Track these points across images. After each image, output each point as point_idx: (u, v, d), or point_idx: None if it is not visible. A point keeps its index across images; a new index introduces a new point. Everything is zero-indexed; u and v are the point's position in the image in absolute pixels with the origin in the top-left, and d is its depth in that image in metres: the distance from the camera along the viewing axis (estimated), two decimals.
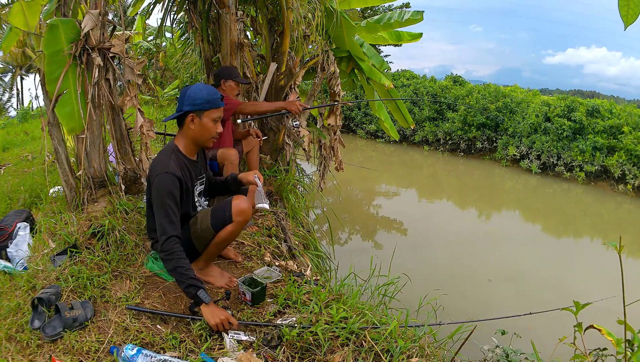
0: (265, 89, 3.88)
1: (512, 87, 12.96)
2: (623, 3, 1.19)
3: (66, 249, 2.20)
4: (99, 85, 2.52)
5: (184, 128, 2.02)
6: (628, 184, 9.13)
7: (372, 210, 7.66)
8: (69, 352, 1.60)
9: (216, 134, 2.03)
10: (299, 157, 4.84)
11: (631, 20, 1.19)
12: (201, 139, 2.04)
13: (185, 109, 1.95)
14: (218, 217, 2.06)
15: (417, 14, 4.67)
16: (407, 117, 5.26)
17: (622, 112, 9.98)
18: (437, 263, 5.06)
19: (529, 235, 6.78)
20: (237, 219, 2.04)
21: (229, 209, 2.04)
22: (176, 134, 2.10)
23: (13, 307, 1.82)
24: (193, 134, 2.01)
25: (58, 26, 2.35)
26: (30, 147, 6.88)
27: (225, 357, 1.62)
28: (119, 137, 2.78)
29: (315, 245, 3.53)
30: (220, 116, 2.02)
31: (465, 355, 1.87)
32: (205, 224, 2.07)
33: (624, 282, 1.25)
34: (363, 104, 13.94)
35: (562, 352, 1.66)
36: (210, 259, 2.23)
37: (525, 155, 10.90)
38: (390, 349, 1.69)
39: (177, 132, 2.10)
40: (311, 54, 4.28)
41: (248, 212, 2.07)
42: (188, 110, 1.95)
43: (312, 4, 3.68)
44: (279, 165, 4.18)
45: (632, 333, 1.42)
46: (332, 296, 2.08)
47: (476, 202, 8.52)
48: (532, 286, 4.64)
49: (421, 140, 13.03)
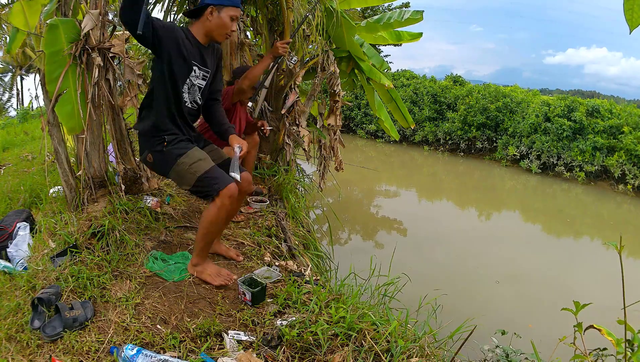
0: (265, 89, 3.88)
1: (512, 87, 12.98)
2: (628, 7, 1.19)
3: (66, 249, 2.19)
4: (99, 85, 2.52)
5: (201, 19, 2.10)
6: (628, 184, 9.13)
7: (372, 210, 7.66)
8: (69, 352, 1.60)
9: (230, 31, 2.12)
10: (299, 157, 4.84)
11: (636, 24, 1.19)
12: (215, 32, 2.10)
13: (207, 2, 2.04)
14: (204, 185, 2.03)
15: (417, 14, 4.67)
16: (407, 117, 5.26)
17: (622, 112, 9.99)
18: (437, 263, 5.06)
19: (529, 235, 6.79)
20: (224, 201, 2.00)
21: (220, 184, 2.00)
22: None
23: (13, 307, 1.82)
24: (209, 26, 2.08)
25: (58, 26, 2.35)
26: (30, 147, 6.88)
27: (225, 357, 1.62)
28: (119, 137, 2.79)
29: (315, 245, 3.53)
30: (237, 17, 2.11)
31: (466, 355, 1.87)
32: (187, 179, 2.05)
33: (624, 282, 1.25)
34: (363, 103, 13.95)
35: (562, 353, 1.66)
36: (202, 254, 2.18)
37: (525, 155, 10.91)
38: (390, 349, 1.69)
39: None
40: (311, 54, 4.28)
41: (236, 202, 2.08)
42: (209, 3, 2.04)
43: (312, 4, 3.68)
44: (279, 165, 4.18)
45: (632, 333, 1.42)
46: (332, 295, 2.08)
47: (476, 202, 8.52)
48: (532, 286, 4.63)
49: (421, 140, 13.04)
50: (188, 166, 2.05)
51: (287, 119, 4.17)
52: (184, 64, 2.04)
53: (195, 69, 2.10)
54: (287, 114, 4.14)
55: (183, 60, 2.03)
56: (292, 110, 4.19)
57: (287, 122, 4.20)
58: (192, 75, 2.10)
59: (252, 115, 3.88)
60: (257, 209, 3.30)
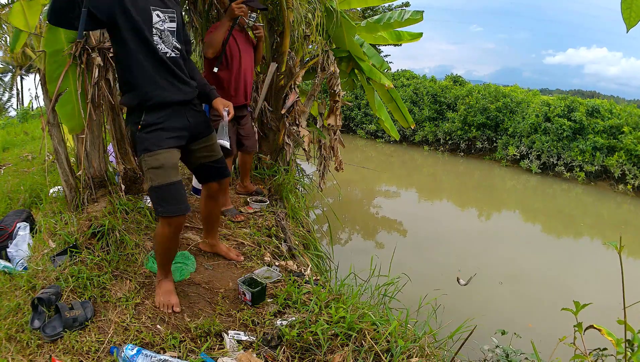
0: (265, 89, 3.88)
1: (512, 87, 12.97)
2: (625, 6, 1.19)
3: (66, 249, 2.19)
4: (99, 85, 2.52)
5: None
6: (628, 184, 9.13)
7: (372, 210, 7.65)
8: (69, 352, 1.60)
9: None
10: (299, 157, 4.84)
11: (634, 23, 1.19)
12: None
13: None
14: (153, 198, 1.84)
15: (417, 14, 4.67)
16: (407, 117, 5.26)
17: (622, 112, 9.98)
18: (437, 263, 5.06)
19: (529, 235, 6.78)
20: (164, 228, 1.84)
21: (165, 210, 1.80)
22: None
23: (13, 307, 1.82)
24: None
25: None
26: (30, 147, 6.88)
27: (225, 357, 1.62)
28: (119, 137, 2.79)
29: (315, 245, 3.53)
30: None
31: (466, 355, 1.87)
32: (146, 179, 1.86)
33: (624, 282, 1.25)
34: (363, 103, 13.95)
35: (562, 353, 1.66)
36: (162, 271, 1.99)
37: (525, 155, 10.90)
38: (390, 349, 1.69)
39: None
40: (311, 54, 4.28)
41: (179, 226, 1.89)
42: None
43: (312, 4, 3.68)
44: (279, 165, 4.18)
45: (632, 333, 1.42)
46: (332, 295, 2.08)
47: (476, 202, 8.51)
48: (532, 286, 4.63)
49: (421, 140, 13.03)
50: (147, 168, 1.84)
51: (287, 119, 4.17)
52: (140, 15, 1.78)
53: (159, 13, 1.83)
54: (287, 114, 4.13)
55: (138, 13, 1.77)
56: (292, 110, 4.19)
57: (287, 122, 4.20)
58: (156, 21, 1.83)
59: (252, 115, 3.89)
60: (257, 209, 3.30)
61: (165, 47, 1.85)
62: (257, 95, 4.00)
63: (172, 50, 1.88)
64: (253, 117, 3.90)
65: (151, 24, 1.80)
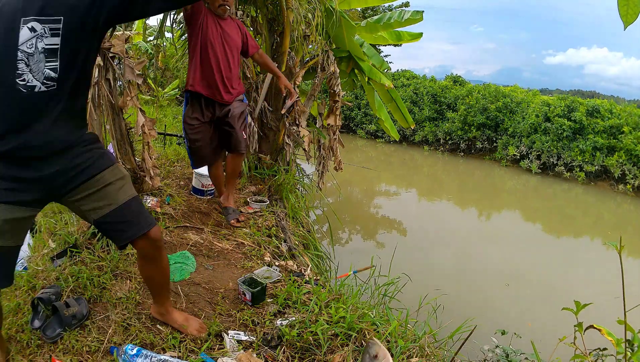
0: (265, 89, 3.88)
1: (512, 87, 12.97)
2: (622, 3, 1.18)
3: (66, 249, 2.20)
4: (99, 85, 2.52)
5: None
6: (628, 184, 9.13)
7: (372, 210, 7.65)
8: (69, 352, 1.60)
9: None
10: (299, 157, 4.84)
11: (631, 20, 1.18)
12: None
13: None
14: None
15: (417, 14, 4.67)
16: (407, 117, 5.26)
17: (622, 112, 9.99)
18: (437, 263, 5.06)
19: (529, 235, 6.79)
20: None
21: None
22: None
23: (13, 307, 1.82)
24: None
25: None
26: None
27: (225, 357, 1.62)
28: (119, 137, 2.78)
29: (315, 245, 3.53)
30: None
31: (466, 355, 1.88)
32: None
33: (624, 282, 1.25)
34: (363, 103, 13.95)
35: (562, 353, 1.66)
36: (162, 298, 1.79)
37: (525, 155, 10.91)
38: (390, 348, 1.69)
39: None
40: (311, 54, 4.28)
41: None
42: None
43: (312, 4, 3.68)
44: (279, 165, 4.18)
45: (632, 333, 1.42)
46: (332, 295, 2.08)
47: (476, 202, 8.52)
48: (532, 286, 4.64)
49: (421, 140, 13.03)
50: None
51: (287, 119, 4.17)
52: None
53: (32, 25, 1.20)
54: (287, 114, 4.14)
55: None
56: (292, 110, 4.19)
57: (287, 122, 4.20)
58: (25, 40, 1.20)
59: (252, 115, 3.88)
60: (257, 209, 3.30)
61: (30, 76, 1.24)
62: (257, 96, 4.00)
63: (43, 80, 1.25)
64: (253, 117, 3.90)
65: (15, 46, 1.21)
